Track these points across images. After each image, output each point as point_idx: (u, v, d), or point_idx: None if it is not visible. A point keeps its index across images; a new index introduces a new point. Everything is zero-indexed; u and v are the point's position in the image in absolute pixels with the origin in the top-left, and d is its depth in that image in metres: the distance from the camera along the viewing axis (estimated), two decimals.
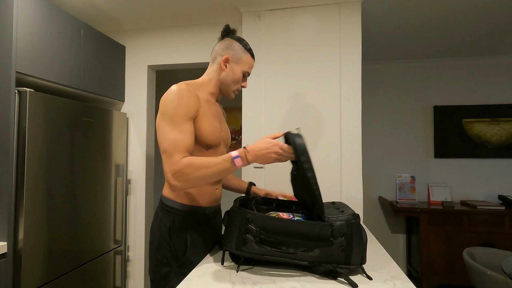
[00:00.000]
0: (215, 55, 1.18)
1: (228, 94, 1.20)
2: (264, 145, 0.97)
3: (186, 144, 0.98)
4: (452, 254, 2.62)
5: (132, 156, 2.32)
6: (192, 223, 1.10)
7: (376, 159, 3.25)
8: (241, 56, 1.16)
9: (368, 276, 0.89)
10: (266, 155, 0.97)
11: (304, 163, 0.92)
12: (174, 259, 1.07)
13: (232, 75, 1.16)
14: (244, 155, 0.97)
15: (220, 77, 1.16)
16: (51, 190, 1.58)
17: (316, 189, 0.92)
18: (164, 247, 1.07)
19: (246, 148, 0.98)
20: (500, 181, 3.01)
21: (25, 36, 1.50)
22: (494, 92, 3.06)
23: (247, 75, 1.20)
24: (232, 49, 1.15)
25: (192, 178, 0.94)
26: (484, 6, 2.03)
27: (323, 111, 1.92)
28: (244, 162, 0.97)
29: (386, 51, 2.94)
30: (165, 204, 1.11)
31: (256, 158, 0.98)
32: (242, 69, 1.16)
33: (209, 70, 1.19)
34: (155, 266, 1.09)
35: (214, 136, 1.09)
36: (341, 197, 1.88)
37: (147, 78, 2.33)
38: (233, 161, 0.96)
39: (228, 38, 1.18)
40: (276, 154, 0.97)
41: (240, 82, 1.19)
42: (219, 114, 1.20)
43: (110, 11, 2.16)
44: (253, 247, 0.91)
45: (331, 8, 1.93)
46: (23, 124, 1.43)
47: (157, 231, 1.10)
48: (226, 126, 1.25)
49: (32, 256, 1.47)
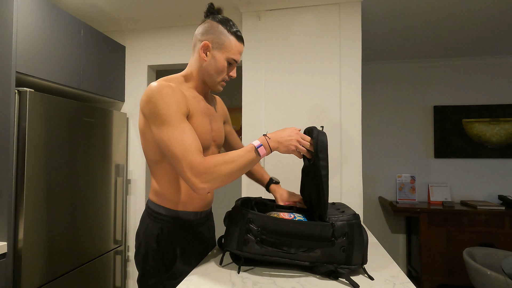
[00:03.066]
0: (194, 41, 1.01)
1: (213, 86, 1.03)
2: (287, 133, 0.93)
3: (196, 144, 0.87)
4: (452, 254, 2.62)
5: (132, 156, 2.32)
6: (182, 231, 1.01)
7: (376, 159, 3.25)
8: (224, 41, 0.97)
9: (369, 276, 0.89)
10: (288, 143, 0.92)
11: (321, 160, 0.91)
12: (163, 269, 0.98)
13: (214, 64, 0.98)
14: (266, 142, 0.91)
15: (202, 67, 1.00)
16: (51, 190, 1.57)
17: (326, 188, 0.92)
18: (151, 257, 0.99)
19: (266, 135, 0.92)
20: (500, 181, 3.01)
21: (25, 36, 1.50)
22: (494, 92, 3.06)
23: (234, 63, 1.01)
24: (212, 33, 0.97)
25: (219, 176, 0.85)
26: (484, 6, 2.03)
27: (323, 111, 1.92)
28: (267, 150, 0.91)
29: (386, 51, 2.94)
30: (152, 209, 1.01)
31: (278, 145, 0.92)
32: (226, 55, 0.98)
33: (191, 60, 1.03)
34: (142, 276, 1.01)
35: (204, 139, 0.98)
36: (341, 197, 1.88)
37: (147, 78, 2.33)
38: (257, 150, 0.89)
39: (208, 20, 0.99)
40: (298, 143, 0.93)
41: (225, 72, 1.01)
42: (209, 112, 1.06)
43: (110, 11, 2.16)
44: (254, 247, 0.91)
45: (331, 8, 1.93)
46: (23, 124, 1.43)
47: (143, 239, 1.00)
48: (218, 124, 1.11)
49: (32, 256, 1.46)
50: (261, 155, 0.90)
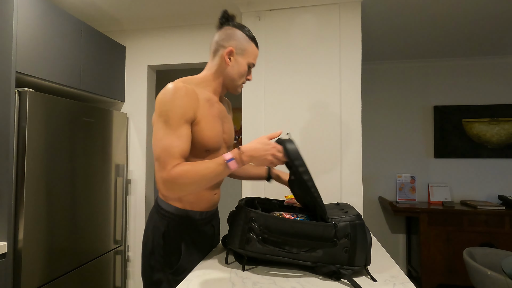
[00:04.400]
0: (216, 47, 1.06)
1: (234, 89, 1.10)
2: (262, 146, 0.91)
3: (181, 150, 0.90)
4: (452, 254, 2.62)
5: (132, 156, 2.32)
6: (187, 229, 1.05)
7: (376, 159, 3.25)
8: (246, 47, 1.05)
9: (372, 277, 0.89)
10: (263, 157, 0.91)
11: (299, 166, 0.91)
12: (167, 265, 1.01)
13: (237, 68, 1.05)
14: (238, 157, 0.90)
15: (225, 72, 1.06)
16: (51, 190, 1.57)
17: (314, 191, 0.92)
18: (157, 252, 1.02)
19: (240, 148, 0.91)
20: (500, 181, 3.01)
21: (25, 36, 1.49)
22: (494, 92, 3.06)
23: (252, 67, 1.10)
24: (235, 39, 1.04)
25: (183, 186, 0.88)
26: (484, 6, 2.03)
27: (323, 111, 1.92)
28: (239, 165, 0.90)
29: (386, 51, 2.94)
30: (161, 206, 1.05)
31: (251, 159, 0.91)
32: (247, 60, 1.06)
33: (211, 64, 1.08)
34: (148, 271, 1.04)
35: (214, 141, 1.02)
36: (341, 197, 1.88)
37: (147, 78, 2.33)
38: (227, 164, 0.89)
39: (228, 27, 1.06)
40: (273, 156, 0.91)
41: (245, 75, 1.09)
42: (222, 114, 1.10)
43: (110, 11, 2.16)
44: (256, 246, 0.91)
45: (331, 8, 1.93)
46: (23, 124, 1.43)
47: (150, 234, 1.04)
48: (229, 126, 1.15)
49: (32, 256, 1.46)
50: (231, 169, 0.90)
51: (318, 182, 1.90)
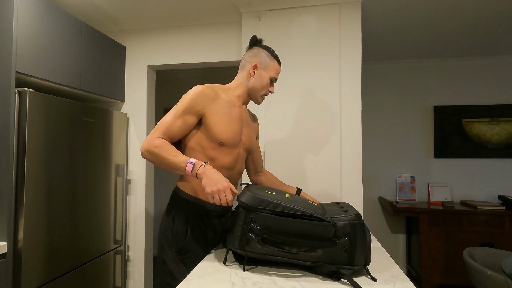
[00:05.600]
0: (244, 63, 1.27)
1: (256, 99, 1.27)
2: (219, 177, 0.98)
3: (171, 129, 1.09)
4: (452, 254, 2.62)
5: (132, 156, 2.32)
6: (195, 215, 1.16)
7: (376, 159, 3.25)
8: (269, 63, 1.24)
9: (372, 277, 0.89)
10: (211, 185, 0.97)
11: (275, 208, 0.92)
12: (174, 244, 1.14)
13: (260, 80, 1.24)
14: (198, 166, 1.00)
15: (249, 83, 1.24)
16: (51, 190, 1.57)
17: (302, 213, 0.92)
18: (167, 231, 1.16)
19: (206, 163, 1.02)
20: (500, 181, 3.01)
21: (25, 36, 1.49)
22: (494, 92, 3.06)
23: (274, 81, 1.27)
24: (259, 56, 1.24)
25: (151, 156, 1.05)
26: (484, 6, 2.03)
27: (323, 111, 1.92)
28: (193, 172, 1.01)
29: (386, 51, 2.94)
30: (177, 194, 1.19)
31: (204, 177, 0.99)
32: (269, 74, 1.24)
33: (238, 76, 1.27)
34: (160, 249, 1.17)
35: (227, 136, 1.14)
36: (341, 197, 1.88)
37: (147, 78, 2.32)
38: (187, 164, 1.01)
39: (256, 47, 1.27)
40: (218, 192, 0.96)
41: (267, 88, 1.26)
42: (243, 118, 1.25)
43: (110, 11, 2.16)
44: (256, 246, 0.91)
45: (331, 8, 1.93)
46: (23, 124, 1.43)
47: (165, 217, 1.19)
48: (249, 131, 1.28)
49: (32, 256, 1.46)
50: (186, 171, 1.02)
51: (318, 182, 1.90)
